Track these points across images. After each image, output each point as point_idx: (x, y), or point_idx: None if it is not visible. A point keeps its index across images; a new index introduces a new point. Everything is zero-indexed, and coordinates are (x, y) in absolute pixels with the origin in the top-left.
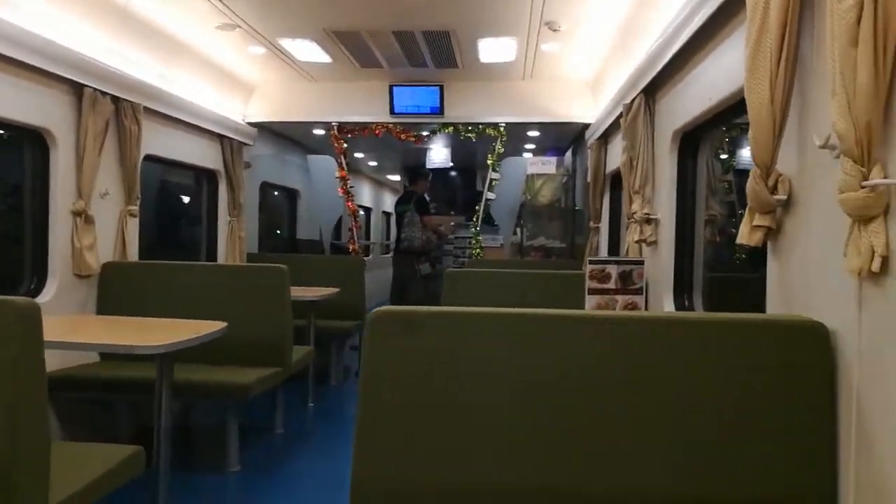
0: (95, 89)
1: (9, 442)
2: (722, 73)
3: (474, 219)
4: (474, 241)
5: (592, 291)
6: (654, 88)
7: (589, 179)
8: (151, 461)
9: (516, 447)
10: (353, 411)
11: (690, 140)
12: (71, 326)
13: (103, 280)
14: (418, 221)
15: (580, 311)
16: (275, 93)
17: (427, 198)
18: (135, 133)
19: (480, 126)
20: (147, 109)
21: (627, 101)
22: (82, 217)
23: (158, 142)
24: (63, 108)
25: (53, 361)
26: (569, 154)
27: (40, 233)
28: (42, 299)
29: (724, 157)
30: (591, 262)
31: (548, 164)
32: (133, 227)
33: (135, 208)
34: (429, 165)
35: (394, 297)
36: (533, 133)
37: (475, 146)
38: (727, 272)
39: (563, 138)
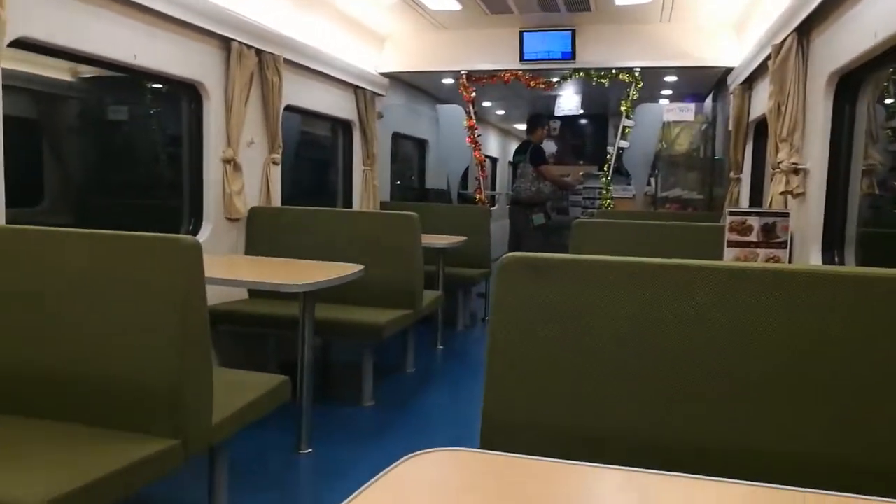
0: (241, 43)
1: (177, 366)
2: (890, 6)
3: (605, 168)
4: (604, 192)
5: (732, 244)
6: (809, 27)
7: (730, 127)
8: (296, 391)
9: (642, 397)
10: (479, 354)
11: (849, 83)
12: (224, 265)
13: (250, 223)
14: (530, 172)
15: (719, 261)
16: (405, 42)
17: (544, 147)
18: (276, 84)
19: (614, 71)
20: (287, 61)
21: (777, 41)
22: (231, 164)
23: (297, 92)
24: (214, 62)
25: (209, 296)
26: (708, 100)
27: (196, 179)
28: (199, 239)
29: (889, 101)
30: (731, 213)
31: (686, 111)
32: (276, 174)
33: (277, 156)
34: (557, 113)
35: (511, 247)
36: (670, 78)
37: (608, 92)
38: (886, 228)
39: (703, 84)
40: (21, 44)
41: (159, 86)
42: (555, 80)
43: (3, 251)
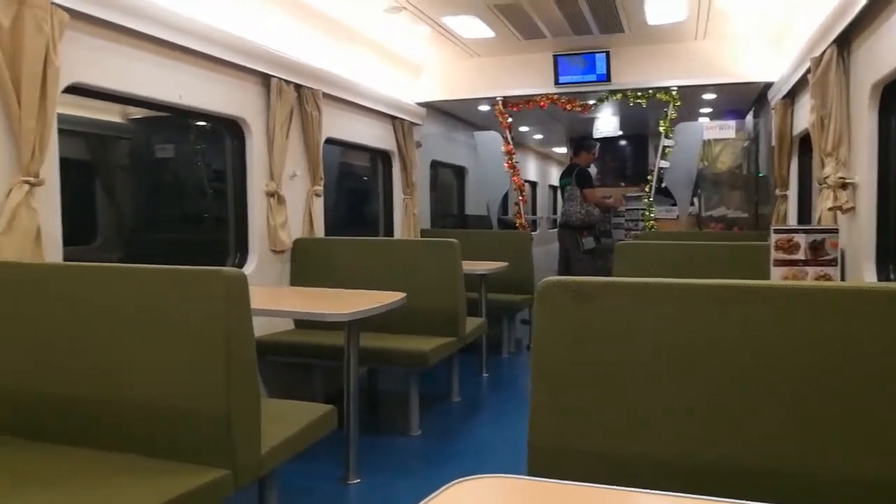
0: (280, 79)
1: (225, 397)
2: None
3: (646, 189)
4: (646, 213)
5: (779, 263)
6: (849, 37)
7: (773, 143)
8: (342, 421)
9: (691, 421)
10: (525, 382)
11: (894, 93)
12: (270, 296)
13: (295, 254)
14: (578, 195)
15: (767, 281)
16: (441, 71)
17: (591, 170)
18: (316, 118)
19: (650, 91)
20: (326, 94)
21: (816, 54)
22: (275, 197)
23: (337, 125)
24: (254, 98)
25: (255, 327)
26: (749, 116)
27: (241, 212)
28: (245, 271)
29: None
30: (776, 232)
31: (726, 129)
32: (318, 205)
33: (319, 188)
34: (596, 135)
35: (560, 271)
36: (708, 96)
37: (645, 113)
38: None
39: (743, 100)
40: (74, 89)
41: (203, 123)
42: (591, 102)
43: (62, 288)
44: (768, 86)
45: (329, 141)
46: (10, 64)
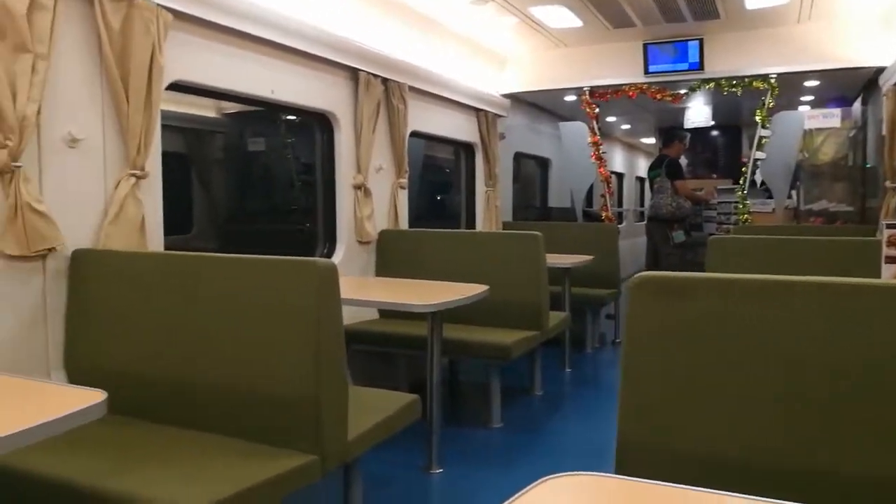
0: (369, 73)
1: (315, 383)
2: None
3: (740, 181)
4: (740, 206)
5: (891, 260)
6: None
7: (884, 132)
8: (425, 411)
9: (788, 422)
10: (609, 378)
11: None
12: (356, 286)
13: (380, 246)
14: (668, 187)
15: (881, 280)
16: (526, 62)
17: (682, 161)
18: (401, 111)
19: (746, 79)
20: (412, 88)
21: None
22: (362, 190)
23: (422, 118)
24: (343, 92)
25: (343, 316)
26: (857, 104)
27: (329, 204)
28: (333, 261)
29: None
30: (888, 227)
31: (830, 117)
32: (403, 198)
33: (404, 181)
34: (687, 126)
35: (647, 266)
36: (811, 83)
37: (740, 102)
38: None
39: (849, 86)
40: (176, 86)
41: (293, 117)
42: (682, 91)
43: (163, 276)
44: (879, 71)
45: (414, 134)
46: (120, 63)
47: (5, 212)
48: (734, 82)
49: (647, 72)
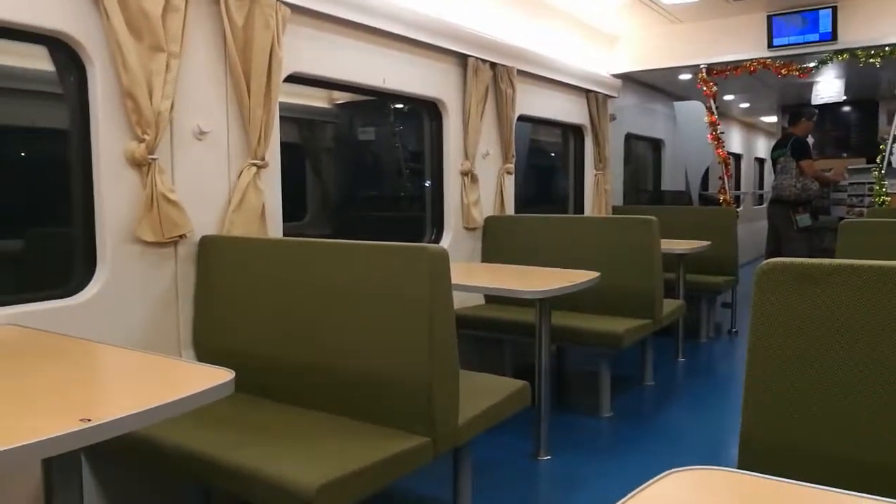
0: (477, 58)
1: (428, 367)
2: None
3: (877, 160)
4: (876, 188)
5: None
6: None
7: None
8: (533, 397)
9: None
10: (726, 369)
11: None
12: (463, 272)
13: (486, 231)
14: (792, 168)
15: None
16: (638, 41)
17: (809, 141)
18: (510, 95)
19: (887, 48)
20: (519, 72)
21: None
22: (469, 176)
23: (529, 101)
24: (451, 79)
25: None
26: None
27: (438, 191)
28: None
29: None
30: None
31: None
32: (509, 183)
33: (511, 166)
34: (815, 101)
35: (768, 252)
36: None
37: (878, 74)
38: None
39: None
40: (292, 78)
41: (400, 106)
42: (811, 65)
43: (282, 260)
44: None
45: (521, 118)
46: (243, 58)
47: (143, 201)
48: (872, 52)
49: (770, 45)
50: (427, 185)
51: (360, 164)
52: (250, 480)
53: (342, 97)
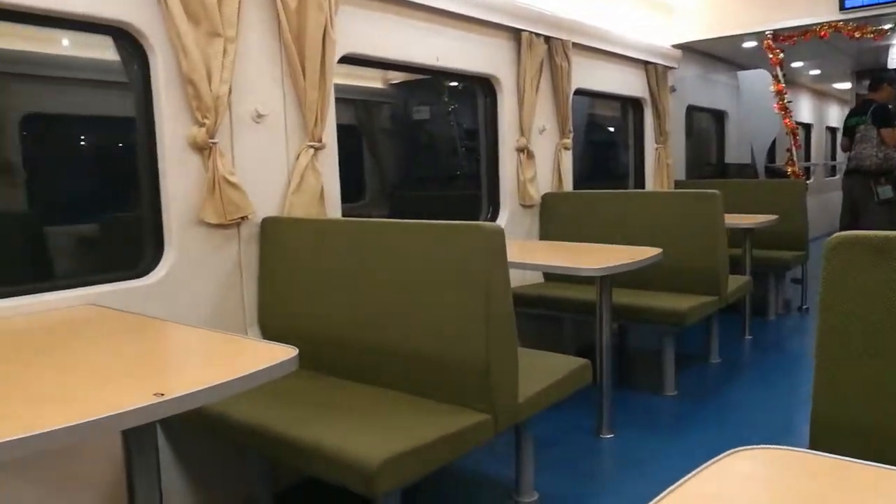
0: (531, 32)
1: (486, 345)
2: None
3: None
4: None
5: None
6: None
7: None
8: (595, 375)
9: None
10: (795, 347)
11: None
12: (520, 249)
13: (543, 209)
14: (873, 136)
15: None
16: (699, 8)
17: (890, 106)
18: (565, 69)
19: None
20: (575, 45)
21: None
22: (524, 152)
23: (586, 75)
24: (505, 54)
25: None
26: None
27: (493, 169)
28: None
29: None
30: None
31: None
32: (567, 159)
33: (568, 141)
34: (891, 65)
35: (843, 225)
36: None
37: None
38: None
39: None
40: (347, 59)
41: (454, 83)
42: (887, 27)
43: (342, 240)
44: None
45: (578, 92)
46: (297, 41)
47: (206, 185)
48: None
49: (842, 7)
50: (482, 162)
51: (415, 143)
52: (313, 454)
53: (397, 77)
